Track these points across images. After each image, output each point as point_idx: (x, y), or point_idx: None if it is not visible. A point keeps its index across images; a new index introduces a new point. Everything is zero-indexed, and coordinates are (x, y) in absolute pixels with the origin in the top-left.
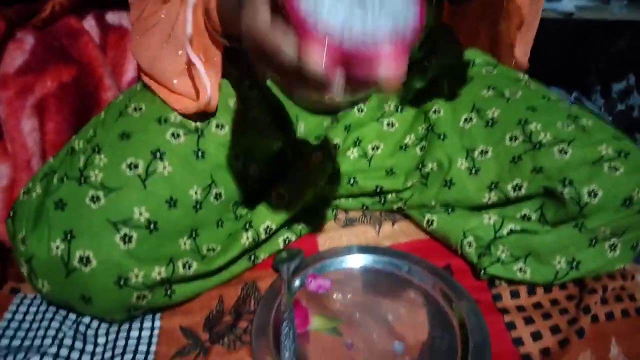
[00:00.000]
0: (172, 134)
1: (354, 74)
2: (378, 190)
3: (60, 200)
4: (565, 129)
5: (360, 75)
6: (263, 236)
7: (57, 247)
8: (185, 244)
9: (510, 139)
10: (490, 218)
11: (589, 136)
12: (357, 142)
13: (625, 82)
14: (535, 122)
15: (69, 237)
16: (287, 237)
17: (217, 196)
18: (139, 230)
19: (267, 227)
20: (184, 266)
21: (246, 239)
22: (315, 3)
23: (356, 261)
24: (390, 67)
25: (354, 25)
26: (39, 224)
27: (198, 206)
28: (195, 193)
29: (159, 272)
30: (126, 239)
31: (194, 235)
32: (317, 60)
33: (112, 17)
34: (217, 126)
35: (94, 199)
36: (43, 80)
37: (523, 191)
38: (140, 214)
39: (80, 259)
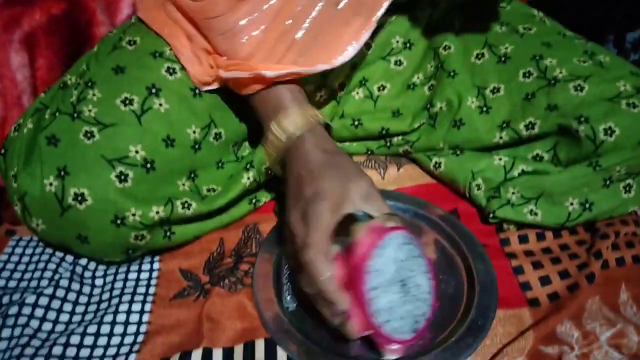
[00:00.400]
0: (168, 70)
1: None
2: (384, 132)
3: (52, 135)
4: (581, 65)
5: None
6: (265, 177)
7: (51, 184)
8: (184, 185)
9: (524, 75)
10: (500, 159)
11: (606, 72)
12: (362, 82)
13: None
14: (550, 57)
15: (62, 174)
16: None
17: (217, 136)
18: (135, 169)
19: (269, 167)
20: (183, 206)
21: (247, 179)
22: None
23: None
24: (398, 351)
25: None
26: (31, 160)
27: (197, 146)
28: (194, 132)
29: (157, 211)
30: (122, 177)
31: (192, 177)
32: (355, 332)
33: None
34: None
35: (88, 135)
36: (31, 13)
37: (536, 130)
38: (137, 152)
39: (75, 196)
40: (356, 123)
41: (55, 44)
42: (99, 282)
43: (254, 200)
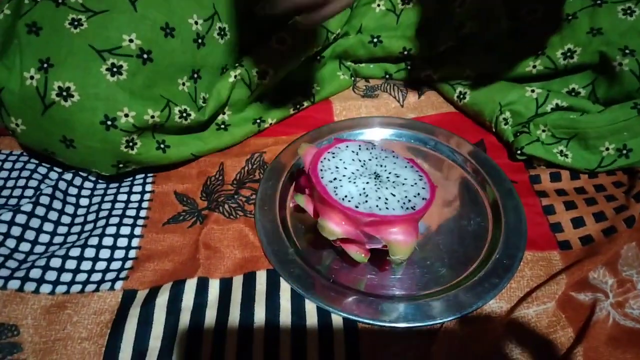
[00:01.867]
0: None
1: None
2: (405, 53)
3: (34, 23)
4: None
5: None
6: (256, 80)
7: (32, 77)
8: (184, 84)
9: None
10: (533, 90)
11: None
12: None
13: None
14: None
15: (45, 66)
16: (299, 101)
17: (222, 32)
18: (129, 60)
19: (262, 70)
20: (180, 115)
21: (234, 77)
22: None
23: (376, 134)
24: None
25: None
26: (9, 50)
27: (200, 41)
28: (196, 23)
29: (152, 115)
30: (114, 69)
31: (195, 77)
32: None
33: None
34: None
35: (75, 23)
36: None
37: (575, 59)
38: (131, 40)
39: (60, 91)
40: (375, 40)
41: None
42: (84, 201)
43: (258, 121)
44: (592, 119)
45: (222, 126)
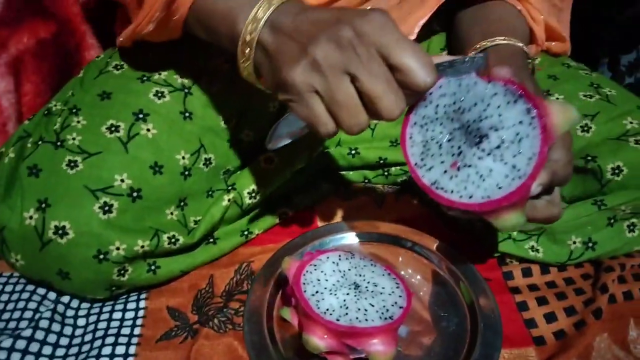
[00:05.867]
0: (156, 93)
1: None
2: (381, 162)
3: (34, 165)
4: (588, 101)
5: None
6: (248, 200)
7: (31, 217)
8: (172, 214)
9: None
10: None
11: (613, 108)
12: None
13: (634, 54)
14: (557, 93)
15: (43, 206)
16: (284, 211)
17: (207, 162)
18: (120, 199)
19: (253, 190)
20: (169, 241)
21: (228, 201)
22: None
23: (356, 238)
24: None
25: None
26: (12, 191)
27: (186, 173)
28: (183, 158)
29: (141, 245)
30: (106, 208)
31: (182, 205)
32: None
33: None
34: (207, 83)
35: (71, 165)
36: (19, 36)
37: None
38: (122, 180)
39: (56, 230)
40: (353, 152)
41: (43, 68)
42: (81, 322)
43: (245, 232)
44: None
45: (211, 240)
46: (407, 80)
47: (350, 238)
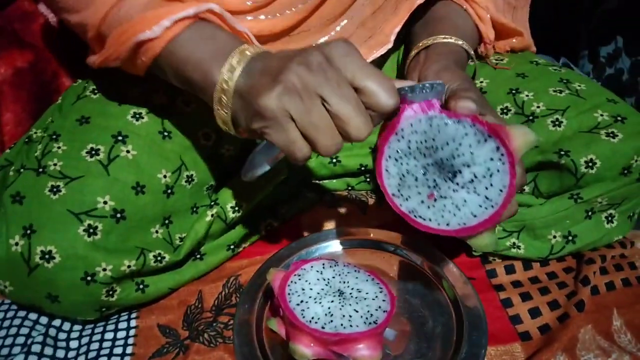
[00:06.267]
0: (134, 115)
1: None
2: (362, 168)
3: (17, 193)
4: (558, 96)
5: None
6: (231, 215)
7: (17, 244)
8: (157, 232)
9: (502, 111)
10: None
11: (583, 102)
12: None
13: (613, 45)
14: (526, 90)
15: (28, 232)
16: (269, 223)
17: (189, 179)
18: (104, 221)
19: (236, 204)
20: (155, 259)
21: (211, 216)
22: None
23: (342, 244)
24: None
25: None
26: None
27: (169, 191)
28: (164, 177)
29: (128, 265)
30: (90, 230)
31: (167, 223)
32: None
33: None
34: (184, 102)
35: (54, 190)
36: None
37: None
38: (105, 202)
39: (43, 255)
40: (334, 161)
41: (22, 97)
42: (74, 344)
43: (232, 247)
44: (535, 211)
45: (198, 256)
46: (372, 102)
47: (335, 246)
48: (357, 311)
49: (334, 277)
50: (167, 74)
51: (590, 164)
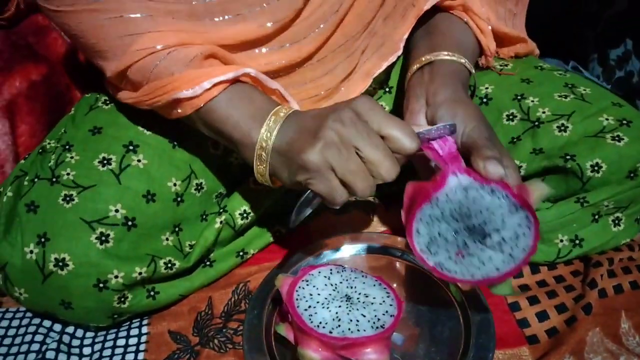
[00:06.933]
0: (145, 125)
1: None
2: None
3: (32, 202)
4: (563, 101)
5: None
6: (240, 221)
7: (32, 252)
8: (167, 239)
9: (508, 117)
10: None
11: (589, 107)
12: None
13: (623, 48)
14: (531, 96)
15: (43, 240)
16: (278, 229)
17: (199, 187)
18: (115, 229)
19: (244, 211)
20: (166, 266)
21: (220, 223)
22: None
23: (350, 250)
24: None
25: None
26: (12, 228)
27: (179, 199)
28: (175, 185)
29: (139, 272)
30: (103, 238)
31: (177, 230)
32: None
33: None
34: None
35: (67, 199)
36: (11, 80)
37: (522, 172)
38: (117, 210)
39: (56, 262)
40: None
41: (36, 109)
42: (87, 350)
43: (241, 253)
44: (542, 215)
45: (208, 263)
46: (397, 146)
47: (343, 251)
48: (364, 316)
49: (341, 282)
50: (197, 124)
51: (596, 168)
